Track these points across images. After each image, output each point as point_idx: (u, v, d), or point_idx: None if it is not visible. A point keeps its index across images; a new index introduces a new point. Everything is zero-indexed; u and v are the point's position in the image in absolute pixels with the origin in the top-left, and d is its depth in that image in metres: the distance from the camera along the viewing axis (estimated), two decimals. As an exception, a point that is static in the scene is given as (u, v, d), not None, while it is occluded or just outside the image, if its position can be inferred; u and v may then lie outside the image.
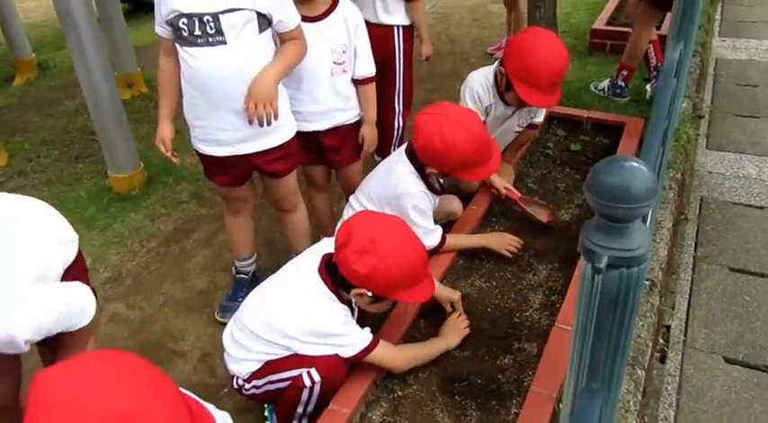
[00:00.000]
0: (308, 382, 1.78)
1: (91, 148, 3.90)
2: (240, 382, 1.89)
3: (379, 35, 2.62)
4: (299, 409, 1.85)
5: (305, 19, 2.21)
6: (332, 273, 1.81)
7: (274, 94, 2.00)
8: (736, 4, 6.00)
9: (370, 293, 1.76)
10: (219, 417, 1.44)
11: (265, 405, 1.98)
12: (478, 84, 2.60)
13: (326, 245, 1.94)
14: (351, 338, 1.81)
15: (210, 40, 1.93)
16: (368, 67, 2.37)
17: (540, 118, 2.81)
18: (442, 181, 2.38)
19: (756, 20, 5.55)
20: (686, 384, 2.23)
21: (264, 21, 1.98)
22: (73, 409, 0.96)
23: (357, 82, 2.37)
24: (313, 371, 1.78)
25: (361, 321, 1.93)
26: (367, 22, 2.44)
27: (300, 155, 2.43)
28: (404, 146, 2.35)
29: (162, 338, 2.46)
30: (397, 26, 2.82)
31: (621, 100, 3.84)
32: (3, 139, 3.97)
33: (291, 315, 1.81)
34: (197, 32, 1.93)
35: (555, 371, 1.81)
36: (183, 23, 1.93)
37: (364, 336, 1.83)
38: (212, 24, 1.91)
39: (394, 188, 2.24)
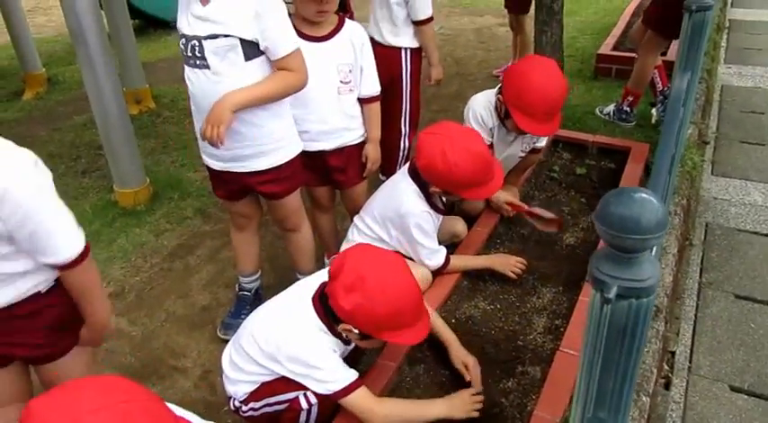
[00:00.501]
0: (304, 405, 1.76)
1: (97, 162, 3.92)
2: (237, 403, 1.87)
3: (385, 55, 2.64)
4: (299, 431, 1.84)
5: (311, 39, 2.24)
6: (324, 303, 1.76)
7: (225, 119, 1.92)
8: (741, 31, 6.04)
9: (356, 331, 1.70)
10: None
11: (265, 427, 1.96)
12: (481, 106, 2.61)
13: (325, 274, 1.87)
14: (330, 375, 1.72)
15: (198, 62, 1.96)
16: (373, 87, 2.39)
17: (542, 142, 2.83)
18: (444, 200, 2.39)
19: (762, 47, 5.59)
20: (691, 412, 2.21)
21: (252, 48, 1.95)
22: None
23: (362, 101, 2.39)
24: (309, 393, 1.75)
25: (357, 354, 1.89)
26: (374, 42, 2.46)
27: (305, 176, 2.43)
28: (407, 165, 2.35)
29: (163, 355, 2.45)
30: (405, 48, 2.84)
31: (627, 125, 3.85)
32: (11, 152, 3.98)
33: (279, 339, 1.76)
34: (188, 54, 1.97)
35: (559, 396, 1.80)
36: (183, 44, 1.99)
37: (346, 376, 1.73)
38: (198, 49, 1.94)
39: (397, 208, 2.25)
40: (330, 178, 2.50)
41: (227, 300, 2.70)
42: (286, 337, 1.76)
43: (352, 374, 1.75)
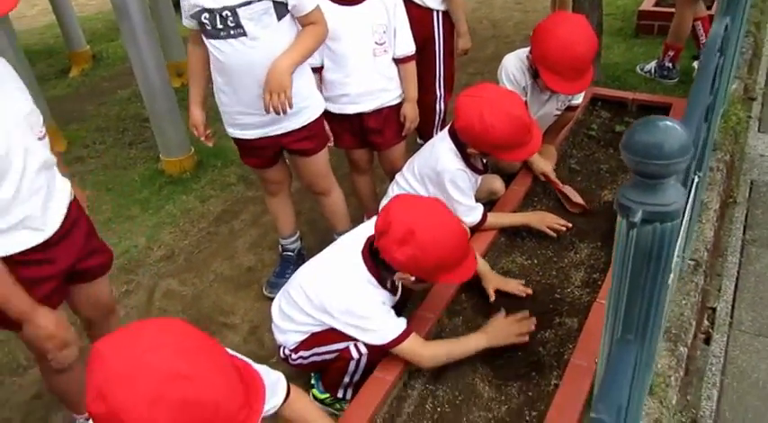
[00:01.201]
0: (355, 355, 1.85)
1: (143, 134, 4.05)
2: (287, 352, 1.96)
3: (418, 16, 2.63)
4: (346, 379, 1.92)
5: (345, 3, 2.27)
6: (374, 256, 1.84)
7: (287, 84, 2.01)
8: (792, -17, 5.78)
9: (412, 278, 1.80)
10: (273, 377, 1.52)
11: (312, 373, 2.06)
12: (514, 66, 2.61)
13: (371, 226, 1.97)
14: (380, 325, 1.82)
15: (232, 32, 2.00)
16: (408, 46, 2.41)
17: (578, 100, 2.79)
18: (485, 161, 2.41)
19: (814, -2, 5.34)
20: (731, 366, 2.21)
21: (282, 7, 2.01)
22: (132, 373, 1.04)
23: (398, 61, 2.41)
24: (359, 343, 1.84)
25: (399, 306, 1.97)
26: (407, 3, 2.47)
27: (344, 139, 2.50)
28: (447, 126, 2.38)
29: (213, 313, 2.57)
30: (437, 10, 2.83)
31: (669, 81, 3.77)
32: (61, 127, 4.15)
33: (330, 291, 1.85)
34: (219, 26, 2.00)
35: (595, 344, 1.82)
36: (206, 18, 2.01)
37: (395, 326, 1.83)
38: (231, 18, 1.98)
39: (434, 165, 2.29)
40: (368, 140, 2.54)
41: (272, 261, 2.80)
42: (338, 292, 1.85)
43: (403, 323, 1.84)
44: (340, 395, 1.99)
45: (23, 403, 2.26)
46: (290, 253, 2.67)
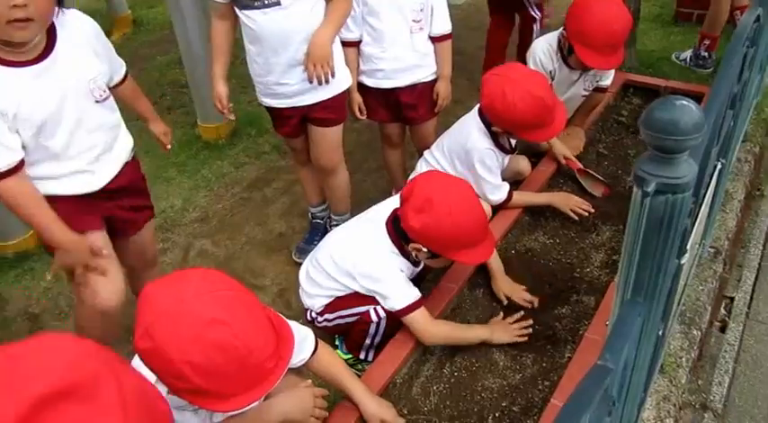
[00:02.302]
0: (374, 318, 1.94)
1: (181, 99, 4.16)
2: (313, 315, 2.07)
3: None
4: (367, 341, 2.02)
5: None
6: (396, 226, 1.92)
7: (329, 54, 2.14)
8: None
9: (425, 249, 1.86)
10: (303, 332, 1.62)
11: (336, 335, 2.17)
12: (541, 51, 2.66)
13: (398, 200, 2.05)
14: (394, 291, 1.88)
15: (267, 2, 2.07)
16: (444, 25, 2.46)
17: (607, 81, 2.83)
18: (513, 141, 2.47)
19: None
20: (744, 354, 2.26)
21: None
22: (175, 315, 1.16)
23: (434, 39, 2.46)
24: (379, 308, 1.93)
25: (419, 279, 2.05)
26: None
27: (378, 112, 2.58)
28: (478, 105, 2.44)
29: (244, 274, 2.69)
30: None
31: (704, 71, 3.75)
32: (101, 90, 4.26)
33: (354, 255, 1.94)
34: None
35: (610, 321, 1.90)
36: None
37: (409, 294, 1.89)
38: None
39: (464, 143, 2.35)
40: (401, 115, 2.61)
41: (301, 228, 2.90)
42: (360, 255, 1.94)
43: (415, 294, 1.90)
44: (362, 356, 2.09)
45: (65, 347, 2.40)
46: (319, 221, 2.77)
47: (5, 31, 1.50)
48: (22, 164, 1.62)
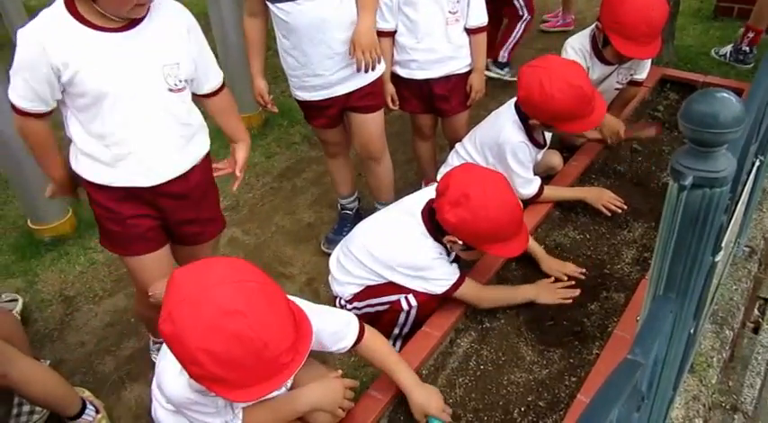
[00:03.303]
0: (405, 307, 1.95)
1: (215, 89, 4.21)
2: (342, 302, 2.08)
3: None
4: (396, 330, 2.04)
5: None
6: (431, 217, 1.94)
7: (375, 41, 2.18)
8: None
9: (460, 242, 1.88)
10: (344, 318, 1.65)
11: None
12: (572, 49, 2.63)
13: (432, 191, 2.05)
14: (439, 273, 1.94)
15: None
16: (480, 17, 2.45)
17: (642, 75, 2.77)
18: (546, 136, 2.44)
19: None
20: (778, 356, 2.21)
21: None
22: (196, 302, 1.18)
23: (469, 31, 2.45)
24: (411, 296, 1.95)
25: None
26: None
27: (410, 103, 2.58)
28: (513, 99, 2.42)
29: (272, 262, 2.72)
30: None
31: (744, 67, 3.66)
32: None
33: (391, 247, 1.97)
34: None
35: (640, 319, 1.88)
36: None
37: (452, 272, 1.95)
38: None
39: (497, 136, 2.34)
40: (434, 106, 2.60)
41: (330, 218, 2.92)
42: (399, 247, 1.96)
43: (456, 272, 1.96)
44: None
45: (98, 329, 2.46)
46: (348, 212, 2.79)
47: (132, 11, 1.53)
48: (48, 113, 1.63)
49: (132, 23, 1.59)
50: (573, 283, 2.10)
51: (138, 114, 1.64)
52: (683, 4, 4.00)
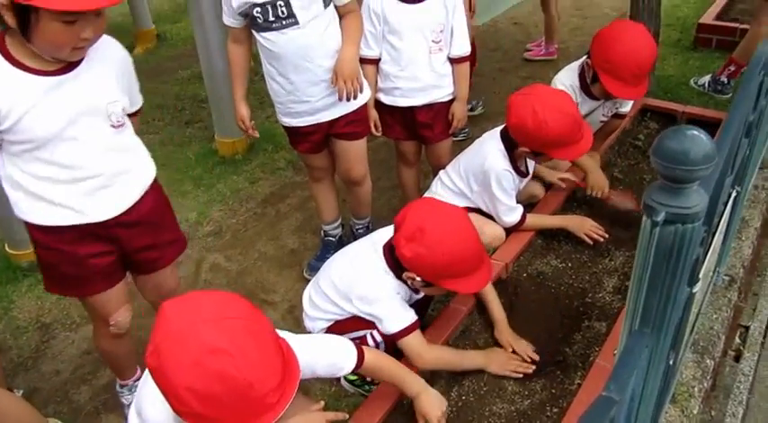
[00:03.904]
0: (371, 343, 1.93)
1: (200, 114, 4.22)
2: None
3: None
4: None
5: (409, 0, 2.36)
6: (393, 252, 1.88)
7: (357, 70, 2.22)
8: None
9: (419, 278, 1.83)
10: (344, 347, 1.62)
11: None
12: (563, 85, 2.65)
13: None
14: (389, 312, 1.86)
15: (284, 22, 2.12)
16: (463, 47, 2.48)
17: (626, 108, 2.82)
18: (529, 165, 2.46)
19: None
20: (759, 385, 2.22)
21: None
22: (182, 338, 1.16)
23: (452, 60, 2.49)
24: (376, 332, 1.91)
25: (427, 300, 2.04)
26: None
27: (394, 129, 2.60)
28: (499, 127, 2.43)
29: (255, 289, 2.70)
30: None
31: (722, 97, 3.73)
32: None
33: (352, 278, 1.93)
34: (271, 18, 2.13)
35: (621, 348, 1.87)
36: (257, 12, 2.13)
37: (405, 317, 1.86)
38: (284, 9, 2.10)
39: (481, 163, 2.35)
40: (417, 133, 2.62)
41: (314, 244, 2.91)
42: (357, 279, 1.92)
43: (410, 317, 1.88)
44: (369, 378, 2.06)
45: (75, 357, 2.42)
46: (331, 238, 2.78)
47: (68, 55, 1.51)
48: None
49: (71, 65, 1.56)
50: (529, 361, 1.96)
51: (84, 154, 1.62)
52: (664, 34, 4.09)
